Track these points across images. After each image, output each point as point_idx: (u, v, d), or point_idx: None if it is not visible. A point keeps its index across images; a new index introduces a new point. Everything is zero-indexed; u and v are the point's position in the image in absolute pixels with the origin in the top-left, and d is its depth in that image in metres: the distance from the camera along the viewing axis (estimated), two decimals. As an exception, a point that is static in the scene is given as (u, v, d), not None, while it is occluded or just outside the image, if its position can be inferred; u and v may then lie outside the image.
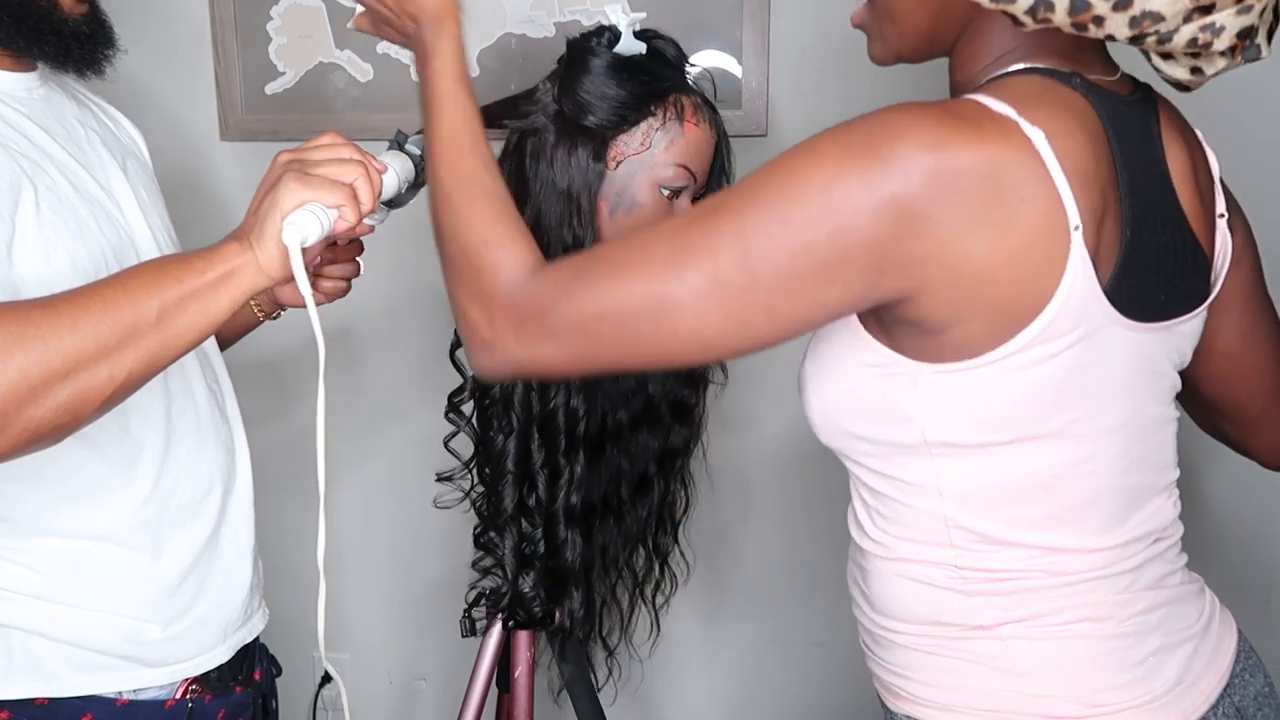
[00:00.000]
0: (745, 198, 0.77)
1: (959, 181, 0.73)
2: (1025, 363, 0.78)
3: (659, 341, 0.80)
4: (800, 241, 0.75)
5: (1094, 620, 0.86)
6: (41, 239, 0.98)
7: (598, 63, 1.14)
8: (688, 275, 0.77)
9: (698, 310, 0.77)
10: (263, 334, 1.71)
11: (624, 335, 0.80)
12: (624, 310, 0.79)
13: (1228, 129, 1.59)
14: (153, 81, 1.71)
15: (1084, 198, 0.76)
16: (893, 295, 0.77)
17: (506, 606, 1.33)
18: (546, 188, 1.16)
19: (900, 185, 0.73)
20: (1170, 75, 0.81)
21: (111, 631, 1.06)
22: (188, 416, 1.12)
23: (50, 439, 0.85)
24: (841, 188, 0.74)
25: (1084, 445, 0.83)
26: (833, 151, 0.75)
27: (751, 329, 0.78)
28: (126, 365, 0.84)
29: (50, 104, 1.08)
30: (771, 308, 0.77)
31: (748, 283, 0.76)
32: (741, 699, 1.89)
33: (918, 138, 0.73)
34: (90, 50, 1.06)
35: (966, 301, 0.76)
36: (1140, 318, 0.81)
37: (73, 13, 1.04)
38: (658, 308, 0.78)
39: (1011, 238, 0.75)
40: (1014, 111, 0.76)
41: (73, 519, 1.04)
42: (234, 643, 1.16)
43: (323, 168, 0.88)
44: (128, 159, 1.15)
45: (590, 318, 0.80)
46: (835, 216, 0.74)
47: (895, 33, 0.88)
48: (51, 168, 1.02)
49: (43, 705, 1.04)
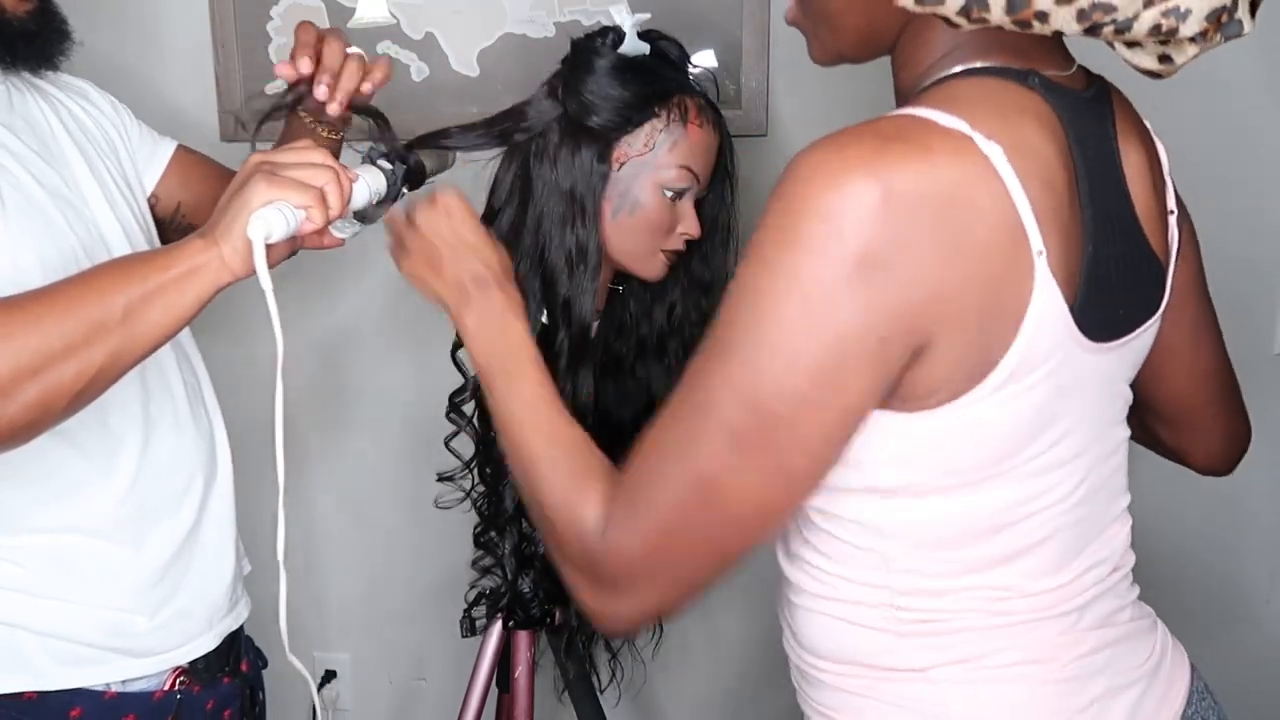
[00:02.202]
0: (720, 341, 0.71)
1: (912, 212, 0.65)
2: (995, 403, 0.71)
3: (724, 528, 0.72)
4: (790, 355, 0.67)
5: (1035, 663, 0.80)
6: (8, 239, 0.98)
7: (602, 63, 1.14)
8: (705, 449, 0.70)
9: (733, 476, 0.70)
10: (259, 325, 1.71)
11: (691, 542, 0.73)
12: (676, 520, 0.72)
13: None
14: (153, 81, 1.70)
15: (1047, 218, 0.69)
16: (905, 360, 0.69)
17: (505, 606, 1.33)
18: (549, 188, 1.16)
19: (854, 241, 0.65)
20: (1138, 65, 0.73)
21: (97, 624, 1.07)
22: (166, 409, 1.12)
23: (22, 436, 0.87)
24: (801, 278, 0.66)
25: (1042, 479, 0.77)
26: (778, 248, 0.68)
27: (794, 470, 0.71)
28: (95, 362, 0.85)
29: (12, 100, 1.08)
30: (800, 438, 0.69)
31: (763, 424, 0.69)
32: (743, 699, 1.89)
33: (852, 181, 0.65)
34: (39, 47, 1.06)
35: (960, 348, 0.69)
36: (1102, 338, 0.75)
37: (15, 12, 1.03)
38: (700, 496, 0.71)
39: (978, 267, 0.67)
40: (967, 125, 0.68)
41: (55, 514, 1.05)
42: (220, 630, 1.17)
43: (293, 170, 0.89)
44: (95, 148, 1.14)
45: (658, 545, 0.73)
46: (811, 311, 0.67)
47: (829, 32, 0.82)
48: (16, 166, 1.02)
49: (31, 700, 1.04)
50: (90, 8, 1.11)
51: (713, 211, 1.23)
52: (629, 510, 0.74)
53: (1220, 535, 1.73)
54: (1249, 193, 1.62)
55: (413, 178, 1.08)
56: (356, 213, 1.00)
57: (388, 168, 1.03)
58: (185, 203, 1.26)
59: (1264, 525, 1.75)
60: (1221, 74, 1.50)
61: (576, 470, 0.80)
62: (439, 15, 1.64)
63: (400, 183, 1.05)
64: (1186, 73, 0.74)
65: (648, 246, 1.18)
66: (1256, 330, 1.64)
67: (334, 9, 1.65)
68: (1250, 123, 1.60)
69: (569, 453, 0.82)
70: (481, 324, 0.94)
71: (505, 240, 1.19)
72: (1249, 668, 1.75)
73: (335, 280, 1.77)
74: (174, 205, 1.25)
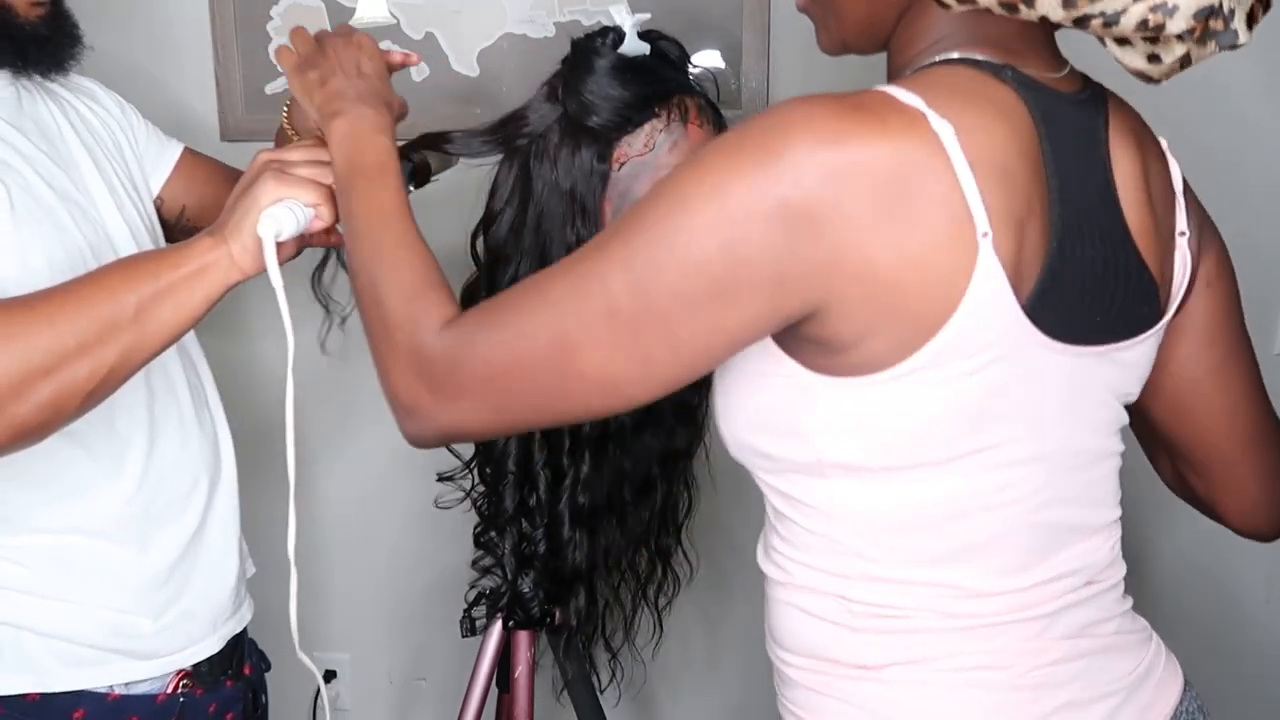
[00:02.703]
0: (633, 221, 0.72)
1: (857, 179, 0.67)
2: (933, 380, 0.71)
3: (566, 386, 0.74)
4: (690, 259, 0.69)
5: (992, 669, 0.78)
6: (17, 239, 0.98)
7: (602, 63, 1.14)
8: (582, 310, 0.72)
9: (596, 346, 0.72)
10: (261, 327, 1.71)
11: (532, 383, 0.75)
12: (527, 356, 0.74)
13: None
14: (153, 81, 1.70)
15: (998, 202, 0.69)
16: (798, 312, 0.70)
17: (505, 606, 1.33)
18: (549, 188, 1.16)
19: (791, 187, 0.67)
20: (1128, 64, 0.73)
21: (101, 625, 1.07)
22: (171, 411, 1.13)
23: (34, 436, 0.86)
24: (729, 195, 0.68)
25: (996, 475, 0.76)
26: (719, 158, 0.69)
27: (656, 364, 0.72)
28: (107, 361, 0.85)
29: (21, 101, 1.08)
30: (672, 338, 0.71)
31: (641, 311, 0.70)
32: (744, 700, 1.89)
33: (811, 133, 0.67)
34: (51, 52, 1.06)
35: (872, 314, 0.69)
36: (1068, 339, 0.74)
37: (28, 15, 1.03)
38: (558, 349, 0.73)
39: (915, 241, 0.68)
40: (923, 103, 0.69)
41: (61, 515, 1.05)
42: (224, 633, 1.17)
43: (302, 168, 0.90)
44: (103, 150, 1.15)
45: (498, 369, 0.75)
46: (725, 228, 0.68)
47: (835, 20, 0.84)
48: (25, 167, 1.02)
49: (34, 701, 1.04)
50: (91, 7, 1.11)
51: (713, 211, 1.23)
52: (480, 324, 0.76)
53: (1218, 537, 1.73)
54: (1249, 193, 1.62)
55: (418, 176, 1.08)
56: None
57: None
58: (190, 206, 1.26)
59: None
60: (1221, 76, 1.50)
61: (424, 276, 0.82)
62: (439, 15, 1.65)
63: (407, 181, 1.05)
64: (1187, 74, 0.74)
65: (648, 246, 1.18)
66: (1257, 330, 1.64)
67: (334, 9, 1.65)
68: (1250, 124, 1.61)
69: (420, 259, 0.83)
70: (351, 131, 0.92)
71: (505, 240, 1.19)
72: (1248, 669, 1.75)
73: (339, 278, 1.77)
74: (179, 208, 1.26)
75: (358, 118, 0.93)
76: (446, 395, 0.77)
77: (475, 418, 0.78)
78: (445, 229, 1.44)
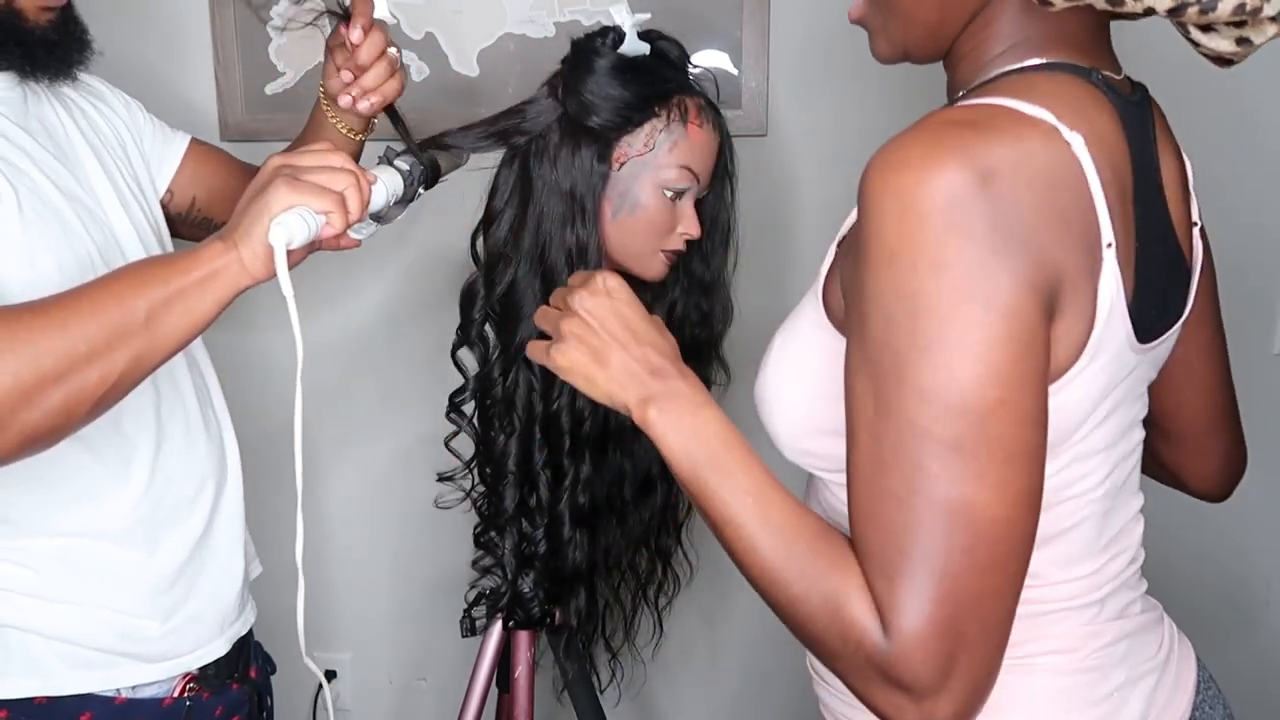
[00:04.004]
0: (886, 362, 0.66)
1: (1022, 192, 0.65)
2: (1081, 384, 0.71)
3: (997, 546, 0.65)
4: (979, 346, 0.64)
5: (1061, 653, 0.80)
6: (26, 242, 0.98)
7: (602, 63, 1.14)
8: (937, 474, 0.64)
9: (980, 486, 0.64)
10: (264, 330, 1.71)
11: (980, 579, 0.64)
12: (954, 565, 0.64)
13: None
14: (153, 81, 1.70)
15: (1116, 212, 0.70)
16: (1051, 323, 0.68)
17: (505, 606, 1.33)
18: (549, 188, 1.16)
19: (982, 218, 0.64)
20: (1213, 49, 0.72)
21: (108, 628, 1.06)
22: (177, 415, 1.12)
23: (45, 442, 0.86)
24: (954, 266, 0.64)
25: (1079, 466, 0.77)
26: (908, 248, 0.65)
27: (1028, 448, 0.66)
28: (118, 366, 0.85)
29: (28, 103, 1.07)
30: (1021, 416, 0.65)
31: (981, 420, 0.64)
32: (744, 700, 1.89)
33: (962, 167, 0.64)
34: (60, 56, 1.06)
35: (1073, 321, 0.69)
36: (1145, 339, 0.76)
37: (38, 20, 1.03)
38: (962, 525, 0.64)
39: (1077, 246, 0.68)
40: (1051, 115, 0.68)
41: (69, 518, 1.05)
42: (230, 635, 1.17)
43: (313, 174, 0.88)
44: (109, 151, 1.15)
45: (949, 608, 0.64)
46: (979, 294, 0.64)
47: (900, 26, 0.81)
48: (33, 169, 1.02)
49: (41, 704, 1.04)
50: (90, 6, 1.11)
51: (713, 211, 1.23)
52: (902, 592, 0.65)
53: (1220, 537, 1.74)
54: (1249, 193, 1.62)
55: (429, 177, 1.08)
56: (373, 214, 1.00)
57: (404, 168, 1.03)
58: (200, 197, 1.26)
59: (1264, 528, 1.75)
60: (1222, 74, 1.50)
61: (824, 566, 0.70)
62: (439, 15, 1.65)
63: (418, 183, 1.05)
64: (1186, 73, 0.74)
65: (648, 246, 1.18)
66: (1256, 330, 1.64)
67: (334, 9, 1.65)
68: (1250, 123, 1.61)
69: (811, 546, 0.71)
70: (673, 422, 0.80)
71: (504, 240, 1.19)
72: (1249, 670, 1.76)
73: (337, 278, 1.77)
74: (189, 199, 1.25)
75: (673, 404, 0.81)
76: (937, 685, 0.65)
77: (978, 672, 0.66)
78: (445, 229, 1.44)
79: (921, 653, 0.64)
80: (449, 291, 1.27)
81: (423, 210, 1.65)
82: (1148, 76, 0.86)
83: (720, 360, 1.32)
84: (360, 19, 1.07)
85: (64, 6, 1.06)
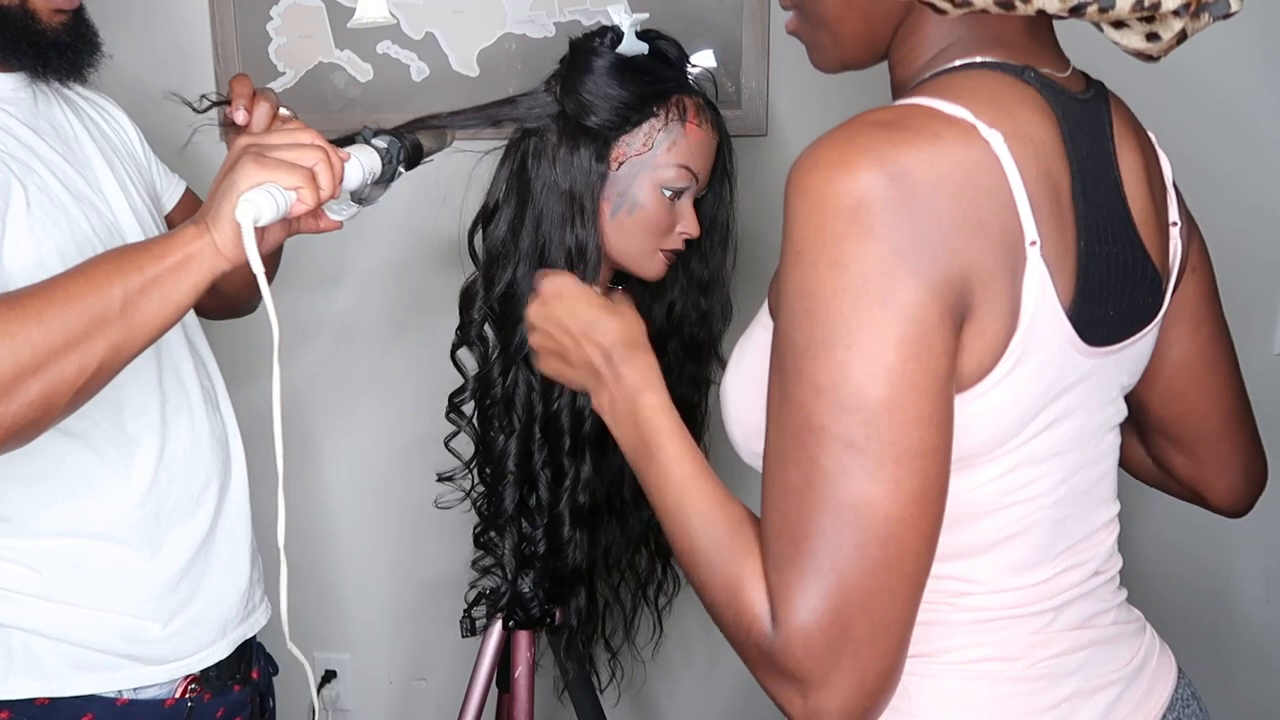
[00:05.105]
0: (790, 359, 0.67)
1: (934, 194, 0.66)
2: (1007, 387, 0.71)
3: (898, 542, 0.65)
4: (875, 345, 0.64)
5: (1002, 660, 0.79)
6: (33, 239, 0.98)
7: (600, 63, 1.14)
8: (833, 470, 0.65)
9: (877, 484, 0.64)
10: (265, 330, 1.71)
11: (874, 577, 0.64)
12: (848, 562, 0.64)
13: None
14: (153, 82, 1.70)
15: (1043, 209, 0.69)
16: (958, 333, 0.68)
17: (505, 606, 1.33)
18: (548, 188, 1.16)
19: (890, 224, 0.64)
20: (1127, 45, 0.73)
21: (111, 630, 1.07)
22: (182, 413, 1.12)
23: (25, 435, 0.85)
24: (855, 268, 0.64)
25: (1022, 472, 0.76)
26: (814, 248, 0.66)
27: (930, 446, 0.66)
28: (96, 356, 0.84)
29: (38, 103, 1.08)
30: (914, 414, 0.65)
31: (875, 417, 0.64)
32: (744, 700, 1.89)
33: (873, 168, 0.65)
34: (71, 58, 1.06)
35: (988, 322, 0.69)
36: (1094, 341, 0.74)
37: (51, 22, 1.04)
38: (856, 522, 0.64)
39: (992, 247, 0.67)
40: (969, 113, 0.69)
41: (71, 518, 1.05)
42: (233, 639, 1.17)
43: (281, 151, 0.87)
44: (116, 154, 1.15)
45: (838, 604, 0.64)
46: (879, 296, 0.64)
47: (829, 39, 0.82)
48: (41, 167, 1.03)
49: (43, 705, 1.04)
50: (91, 7, 1.12)
51: (711, 211, 1.24)
52: (792, 584, 0.66)
53: (1218, 536, 1.73)
54: (1249, 192, 1.61)
55: (410, 156, 1.06)
56: (354, 194, 0.99)
57: (381, 146, 1.01)
58: None
59: (1263, 528, 1.75)
60: (1221, 73, 1.50)
61: (732, 554, 0.71)
62: (439, 15, 1.65)
63: (396, 161, 1.03)
64: (1186, 71, 0.74)
65: (647, 246, 1.18)
66: (1257, 330, 1.64)
67: (334, 9, 1.65)
68: (1250, 122, 1.60)
69: (725, 534, 0.73)
70: (615, 409, 0.86)
71: (503, 240, 1.19)
72: (1246, 670, 1.75)
73: (338, 278, 1.77)
74: None
75: (615, 391, 0.86)
76: (820, 680, 0.66)
77: (866, 670, 0.66)
78: (445, 230, 1.44)
79: (804, 646, 0.65)
80: (449, 291, 1.27)
81: (423, 209, 1.65)
82: (1147, 76, 0.85)
83: (719, 359, 1.32)
84: (240, 100, 1.08)
85: (76, 9, 1.06)
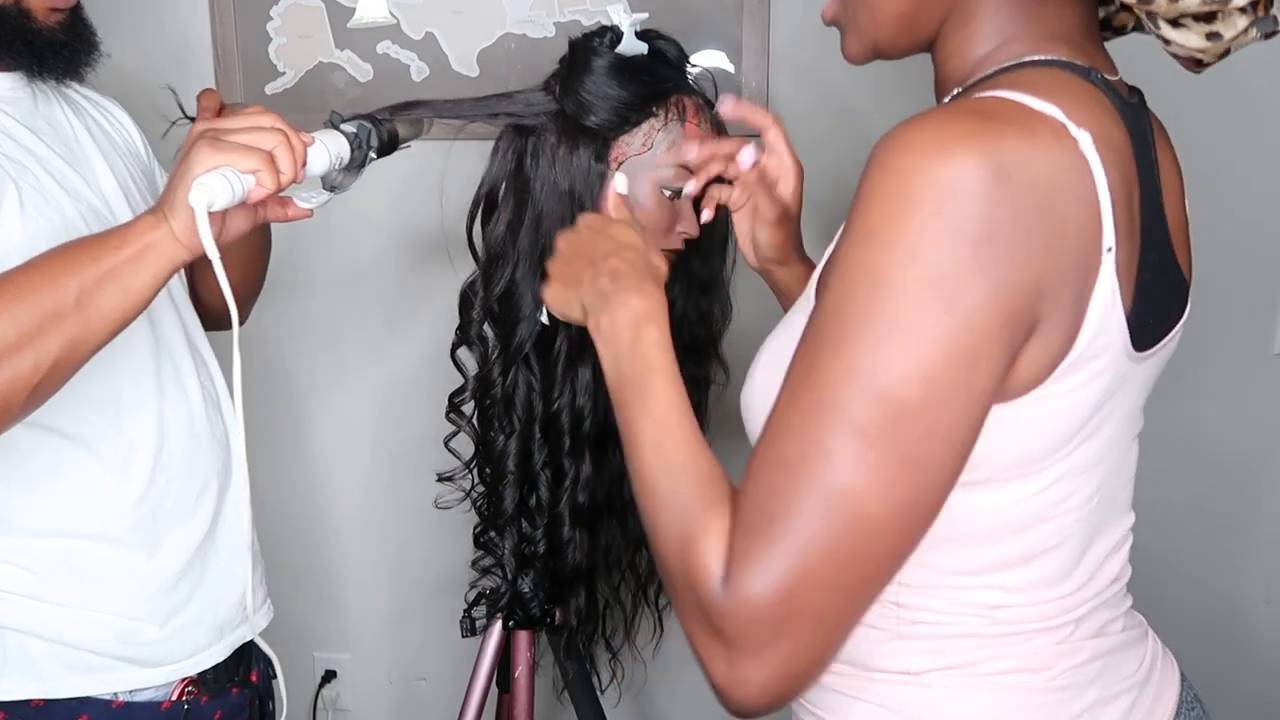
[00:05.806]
0: (833, 334, 0.64)
1: (1026, 193, 0.62)
2: (1062, 393, 0.69)
3: (870, 543, 0.63)
4: (925, 345, 0.62)
5: (1030, 671, 0.78)
6: (26, 239, 0.97)
7: (600, 63, 1.14)
8: (837, 455, 0.62)
9: (874, 482, 0.62)
10: (266, 330, 1.71)
11: (839, 570, 0.63)
12: (819, 546, 0.62)
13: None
14: (153, 82, 1.70)
15: (1120, 215, 0.67)
16: (1023, 342, 0.66)
17: (505, 606, 1.33)
18: (548, 188, 1.16)
19: (976, 217, 0.61)
20: (1185, 45, 0.70)
21: (107, 631, 1.06)
22: (181, 414, 1.12)
23: None
24: (928, 259, 0.61)
25: (1064, 484, 0.74)
26: (890, 230, 0.63)
27: (937, 464, 0.63)
28: (52, 352, 0.82)
29: (36, 103, 1.08)
30: (940, 429, 0.62)
31: (898, 417, 0.62)
32: (742, 699, 1.89)
33: (969, 156, 0.62)
34: (67, 57, 1.06)
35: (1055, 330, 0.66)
36: (1142, 347, 0.73)
37: (46, 21, 1.03)
38: (841, 513, 0.62)
39: (1071, 252, 0.65)
40: (1060, 112, 0.65)
41: (67, 518, 1.04)
42: (230, 642, 1.16)
43: (239, 135, 0.85)
44: (118, 154, 1.15)
45: (796, 584, 0.63)
46: (945, 294, 0.61)
47: (870, 21, 0.79)
48: (37, 167, 1.02)
49: (38, 707, 1.04)
50: (91, 7, 1.11)
51: (711, 211, 1.23)
52: (756, 552, 0.63)
53: (1218, 537, 1.73)
54: (1249, 192, 1.61)
55: (384, 142, 1.03)
56: (325, 181, 0.97)
57: (350, 131, 0.98)
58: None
59: (1262, 527, 1.75)
60: (1222, 73, 1.49)
61: (696, 505, 0.69)
62: (439, 15, 1.65)
63: (367, 146, 1.00)
64: (1184, 72, 0.74)
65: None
66: (1256, 330, 1.64)
67: (334, 9, 1.65)
68: (1250, 122, 1.60)
69: (693, 484, 0.70)
70: (611, 330, 0.81)
71: (503, 240, 1.19)
72: (1248, 672, 1.75)
73: (338, 278, 1.77)
74: None
75: (617, 313, 0.81)
76: (757, 650, 0.64)
77: (801, 653, 0.64)
78: (425, 208, 1.44)
79: (750, 614, 0.63)
80: (450, 290, 1.27)
81: (422, 209, 1.65)
82: (1144, 77, 0.85)
83: (720, 359, 1.32)
84: (205, 115, 1.08)
85: (73, 8, 1.06)
